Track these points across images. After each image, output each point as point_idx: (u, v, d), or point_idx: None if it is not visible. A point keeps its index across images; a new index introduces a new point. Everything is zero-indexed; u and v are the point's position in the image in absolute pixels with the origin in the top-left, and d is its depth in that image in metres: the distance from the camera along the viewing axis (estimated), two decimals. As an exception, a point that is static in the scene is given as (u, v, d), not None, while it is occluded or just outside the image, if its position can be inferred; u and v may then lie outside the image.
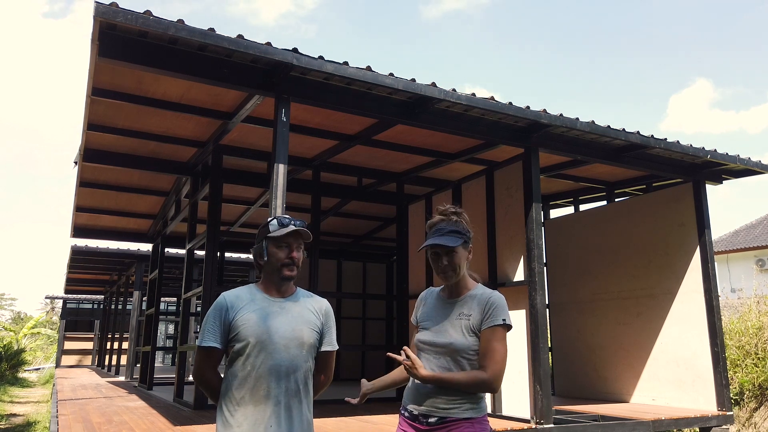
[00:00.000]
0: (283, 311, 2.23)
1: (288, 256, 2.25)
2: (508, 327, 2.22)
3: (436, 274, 2.35)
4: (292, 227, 2.24)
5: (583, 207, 9.56)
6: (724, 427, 6.78)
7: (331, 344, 2.34)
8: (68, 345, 23.23)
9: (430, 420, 2.21)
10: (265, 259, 2.27)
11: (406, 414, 2.31)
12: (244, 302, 2.22)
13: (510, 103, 5.73)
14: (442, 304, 2.35)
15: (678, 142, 6.71)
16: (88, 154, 7.27)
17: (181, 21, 4.32)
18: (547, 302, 7.18)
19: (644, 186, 8.75)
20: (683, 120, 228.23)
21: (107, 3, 4.08)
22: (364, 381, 2.48)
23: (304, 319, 2.25)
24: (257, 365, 2.14)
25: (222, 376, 2.25)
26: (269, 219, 2.32)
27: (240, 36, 4.54)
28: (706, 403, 7.00)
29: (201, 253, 7.84)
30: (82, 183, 8.51)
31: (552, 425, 5.75)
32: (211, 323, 2.20)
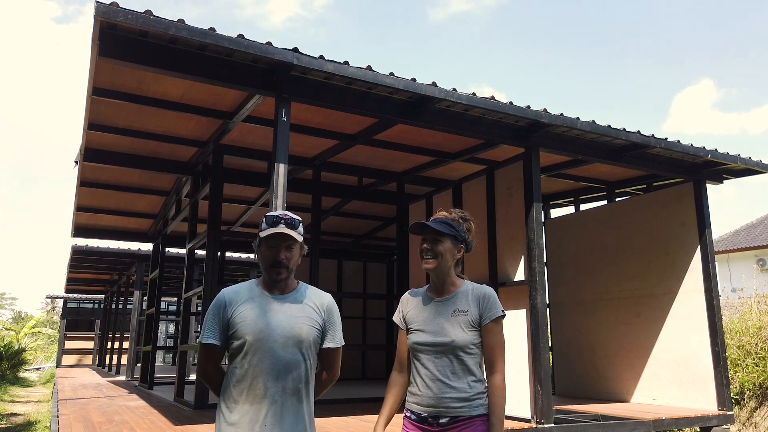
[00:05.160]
0: (282, 308, 2.17)
1: (275, 258, 2.17)
2: (504, 316, 2.30)
3: (419, 260, 2.39)
4: (274, 229, 2.14)
5: (583, 207, 9.55)
6: (724, 426, 6.77)
7: (333, 341, 2.26)
8: (69, 344, 23.21)
9: (441, 421, 2.18)
10: (257, 259, 2.25)
11: (413, 417, 2.26)
12: (243, 299, 2.17)
13: (510, 103, 5.72)
14: (432, 304, 2.34)
15: (678, 141, 6.70)
16: (89, 154, 7.26)
17: (181, 21, 4.32)
18: (547, 302, 7.18)
19: (645, 186, 8.74)
20: (685, 121, 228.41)
21: (108, 3, 4.08)
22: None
23: (303, 315, 2.18)
24: (254, 363, 2.10)
25: (224, 371, 2.21)
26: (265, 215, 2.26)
27: (240, 36, 4.54)
28: (706, 403, 7.00)
29: (201, 252, 7.84)
30: (83, 183, 8.51)
31: (552, 425, 5.75)
32: (210, 320, 2.18)
